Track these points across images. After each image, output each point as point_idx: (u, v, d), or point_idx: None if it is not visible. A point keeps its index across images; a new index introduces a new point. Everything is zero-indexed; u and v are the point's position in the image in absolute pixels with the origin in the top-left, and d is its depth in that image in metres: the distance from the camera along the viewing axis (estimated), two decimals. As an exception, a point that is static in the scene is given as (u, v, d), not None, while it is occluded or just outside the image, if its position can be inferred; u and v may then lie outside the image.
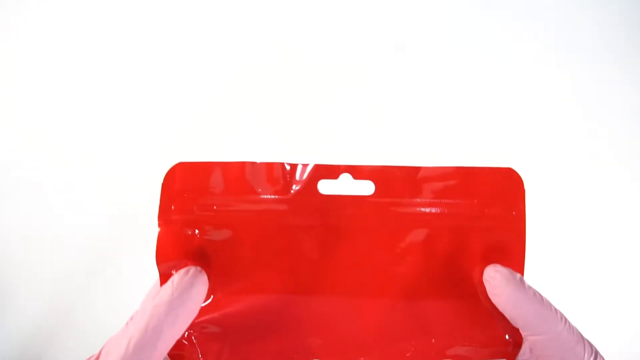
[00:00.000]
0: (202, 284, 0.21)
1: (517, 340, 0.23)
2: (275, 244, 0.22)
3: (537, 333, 0.20)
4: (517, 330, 0.22)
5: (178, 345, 0.22)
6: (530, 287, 0.21)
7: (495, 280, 0.21)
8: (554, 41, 0.44)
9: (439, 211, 0.22)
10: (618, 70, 0.44)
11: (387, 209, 0.22)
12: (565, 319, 0.21)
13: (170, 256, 0.22)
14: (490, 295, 0.21)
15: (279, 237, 0.22)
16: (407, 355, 0.22)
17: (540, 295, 0.21)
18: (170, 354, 0.23)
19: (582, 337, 0.21)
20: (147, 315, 0.21)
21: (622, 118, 0.44)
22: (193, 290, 0.21)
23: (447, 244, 0.22)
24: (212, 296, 0.22)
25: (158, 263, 0.21)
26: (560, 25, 0.45)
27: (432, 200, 0.22)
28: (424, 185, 0.22)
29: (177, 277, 0.21)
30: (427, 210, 0.22)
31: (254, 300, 0.22)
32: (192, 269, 0.21)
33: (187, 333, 0.22)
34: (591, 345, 0.21)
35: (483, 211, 0.22)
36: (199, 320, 0.22)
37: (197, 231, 0.22)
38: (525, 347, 0.23)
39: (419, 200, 0.22)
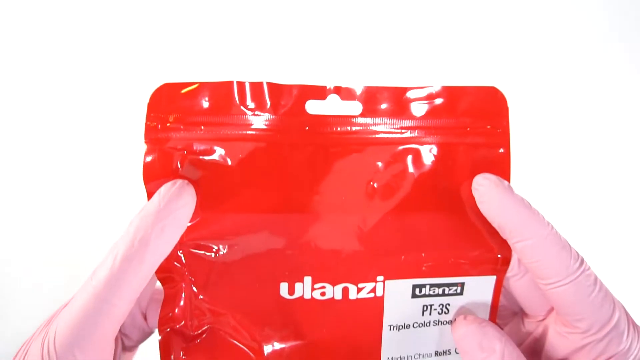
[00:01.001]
0: (189, 196, 0.21)
1: (506, 256, 0.23)
2: (263, 163, 0.22)
3: (524, 238, 0.21)
4: (506, 245, 0.22)
5: (167, 267, 0.22)
6: (518, 194, 0.21)
7: (483, 187, 0.21)
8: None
9: (425, 129, 0.22)
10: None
11: (374, 128, 0.22)
12: (552, 225, 0.21)
13: (158, 175, 0.21)
14: (479, 204, 0.21)
15: (267, 156, 0.22)
16: (397, 268, 0.22)
17: (527, 202, 0.21)
18: (159, 277, 0.23)
19: (568, 244, 0.21)
20: (133, 228, 0.20)
21: (605, 39, 0.45)
22: (180, 201, 0.21)
23: (434, 161, 0.22)
24: (200, 216, 0.22)
25: (145, 182, 0.21)
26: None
27: (419, 119, 0.22)
28: (411, 105, 0.22)
29: (163, 188, 0.21)
30: (414, 128, 0.22)
31: (242, 219, 0.22)
32: (180, 181, 0.21)
33: (176, 253, 0.22)
34: (577, 253, 0.21)
35: (468, 128, 0.22)
36: (187, 240, 0.22)
37: (185, 151, 0.22)
38: (513, 262, 0.23)
39: (405, 119, 0.22)
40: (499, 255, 0.23)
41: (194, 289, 0.22)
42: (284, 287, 0.22)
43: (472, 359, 0.21)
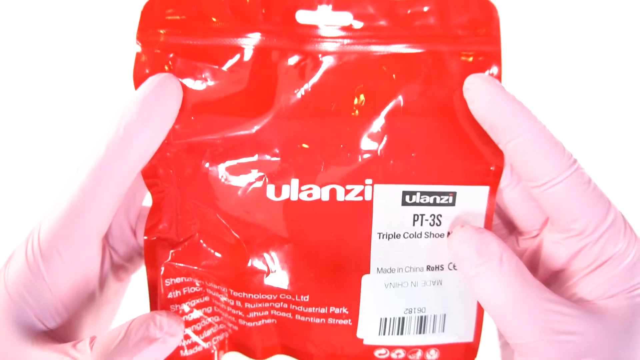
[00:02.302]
0: (175, 87, 0.21)
1: (498, 166, 0.22)
2: (252, 68, 0.22)
3: (517, 135, 0.20)
4: (499, 155, 0.22)
5: (154, 169, 0.22)
6: (509, 92, 0.21)
7: (474, 84, 0.21)
8: None
9: (415, 37, 0.22)
10: None
11: (364, 38, 0.22)
12: (543, 124, 0.21)
13: (148, 76, 0.21)
14: (470, 105, 0.21)
15: (256, 61, 0.22)
16: (386, 172, 0.22)
17: (519, 100, 0.21)
18: (147, 182, 0.23)
19: (561, 142, 0.21)
20: (118, 117, 0.20)
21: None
22: (166, 91, 0.21)
23: (424, 69, 0.22)
24: (187, 117, 0.22)
25: (136, 85, 0.21)
26: None
27: (409, 28, 0.22)
28: (401, 15, 0.22)
29: (148, 80, 0.21)
30: (404, 37, 0.22)
31: (231, 122, 0.22)
32: (165, 74, 0.21)
33: (164, 155, 0.22)
34: (570, 152, 0.21)
35: (459, 37, 0.22)
36: (175, 141, 0.22)
37: (175, 54, 0.22)
38: (505, 172, 0.22)
39: (395, 28, 0.22)
40: (492, 168, 0.22)
41: (181, 190, 0.22)
42: (270, 189, 0.22)
43: (470, 266, 0.20)
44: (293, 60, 0.22)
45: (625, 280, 0.21)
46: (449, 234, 0.23)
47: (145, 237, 0.23)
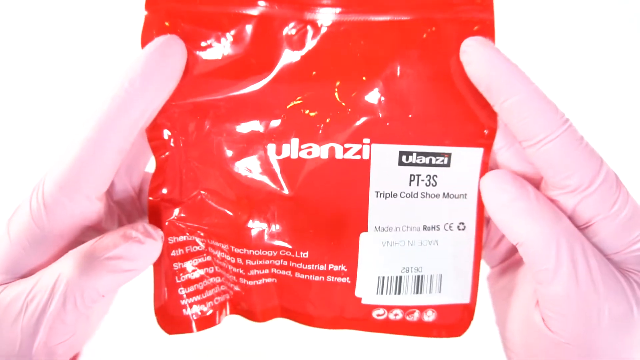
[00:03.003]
0: (179, 47, 0.22)
1: (492, 128, 0.23)
2: (256, 34, 0.23)
3: (512, 94, 0.21)
4: (493, 117, 0.23)
5: (159, 129, 0.23)
6: (504, 54, 0.22)
7: (471, 47, 0.22)
8: None
9: (412, 7, 0.23)
10: None
11: (364, 6, 0.23)
12: (536, 84, 0.21)
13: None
14: (467, 67, 0.22)
15: (259, 27, 0.23)
16: (383, 132, 0.23)
17: (514, 62, 0.22)
18: (152, 144, 0.23)
19: (554, 103, 0.21)
20: (123, 72, 0.21)
21: None
22: (170, 49, 0.21)
23: (421, 35, 0.23)
24: (191, 79, 0.22)
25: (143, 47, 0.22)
26: None
27: None
28: None
29: (155, 39, 0.22)
30: (402, 6, 0.23)
31: (234, 84, 0.23)
32: (168, 35, 0.22)
33: (168, 114, 0.23)
34: (562, 111, 0.21)
35: (454, 4, 0.23)
36: (179, 100, 0.23)
37: (181, 20, 0.22)
38: (499, 135, 0.23)
39: None
40: (485, 131, 0.23)
41: (185, 150, 0.23)
42: (271, 148, 0.23)
43: (506, 198, 0.22)
44: (294, 27, 0.23)
45: (623, 235, 0.21)
46: (444, 194, 0.24)
47: (150, 199, 0.24)
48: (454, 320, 0.25)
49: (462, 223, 0.24)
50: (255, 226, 0.23)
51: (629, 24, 0.45)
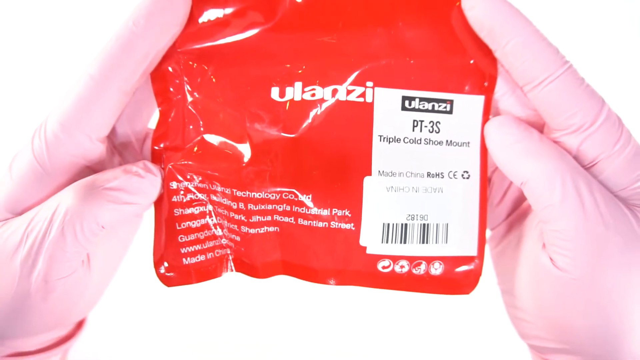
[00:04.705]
0: None
1: (492, 75, 0.23)
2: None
3: (514, 36, 0.21)
4: (493, 64, 0.23)
5: (161, 77, 0.23)
6: None
7: None
8: None
9: None
10: None
11: None
12: (538, 28, 0.22)
13: None
14: (468, 12, 0.22)
15: None
16: (386, 75, 0.23)
17: (514, 6, 0.22)
18: (155, 88, 0.23)
19: (556, 47, 0.22)
20: (128, 14, 0.21)
21: None
22: None
23: None
24: (197, 26, 0.23)
25: None
26: None
27: None
28: None
29: None
30: None
31: (239, 32, 0.23)
32: None
33: (173, 58, 0.23)
34: (563, 55, 0.22)
35: None
36: (183, 45, 0.23)
37: None
38: (500, 82, 0.24)
39: None
40: (486, 82, 0.24)
41: (188, 88, 0.23)
42: (275, 91, 0.23)
43: (511, 139, 0.22)
44: None
45: (628, 172, 0.21)
46: (447, 142, 0.24)
47: (155, 148, 0.24)
48: (461, 275, 0.24)
49: (467, 172, 0.24)
50: (258, 169, 0.23)
51: (629, 24, 0.47)
